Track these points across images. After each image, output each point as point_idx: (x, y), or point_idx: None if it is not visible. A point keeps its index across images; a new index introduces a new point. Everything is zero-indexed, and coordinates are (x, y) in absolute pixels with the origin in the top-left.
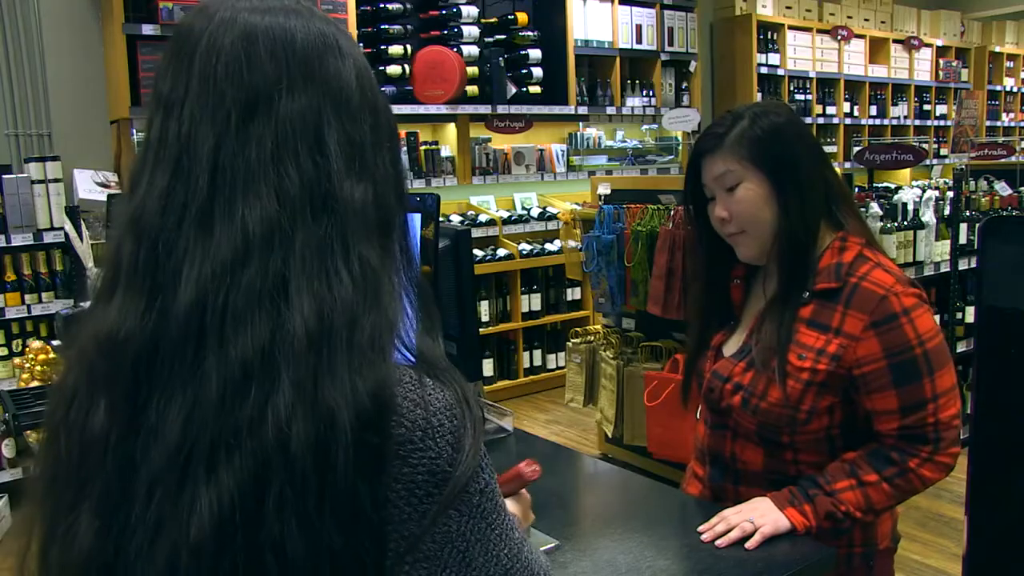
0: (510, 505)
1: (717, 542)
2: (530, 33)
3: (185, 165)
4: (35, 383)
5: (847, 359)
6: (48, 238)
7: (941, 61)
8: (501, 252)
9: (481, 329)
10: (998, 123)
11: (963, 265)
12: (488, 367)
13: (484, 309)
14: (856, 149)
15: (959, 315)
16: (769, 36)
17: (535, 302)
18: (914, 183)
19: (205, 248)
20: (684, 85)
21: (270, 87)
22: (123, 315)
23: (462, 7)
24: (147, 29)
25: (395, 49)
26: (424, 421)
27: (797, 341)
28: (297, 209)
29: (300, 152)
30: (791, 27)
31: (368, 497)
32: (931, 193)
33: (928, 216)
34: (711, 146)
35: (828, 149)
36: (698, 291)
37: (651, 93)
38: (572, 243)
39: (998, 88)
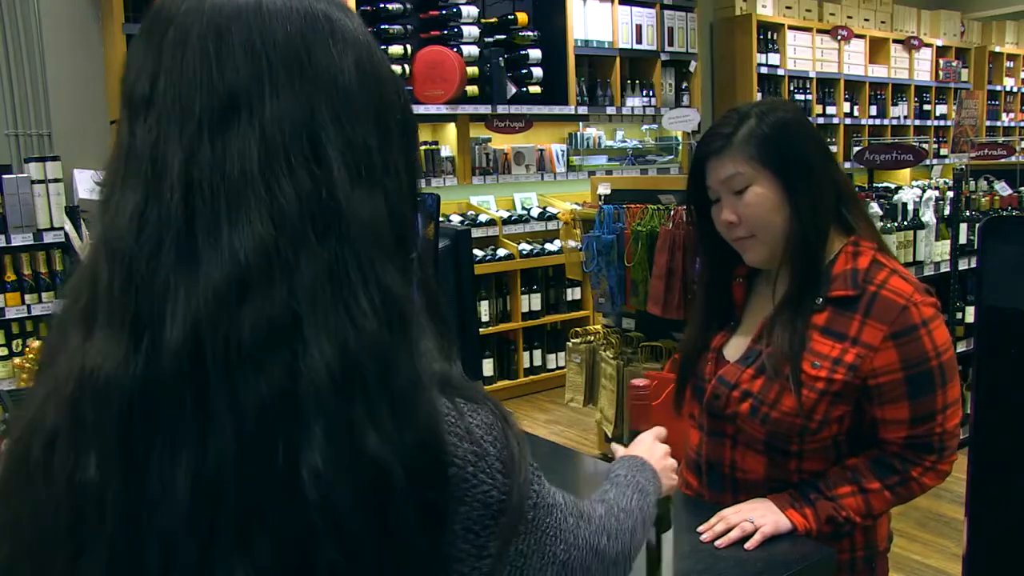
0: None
1: (717, 542)
2: (530, 33)
3: (156, 182)
4: None
5: (863, 369)
6: (48, 238)
7: (941, 61)
8: (501, 252)
9: (481, 329)
10: (998, 123)
11: (963, 265)
12: (488, 367)
13: (484, 309)
14: (856, 149)
15: (959, 315)
16: (769, 36)
17: (535, 302)
18: (914, 183)
19: (191, 280)
20: (684, 85)
21: (248, 87)
22: (106, 354)
23: (462, 7)
24: None
25: (395, 49)
26: (473, 455)
27: (811, 349)
28: (297, 231)
29: (293, 162)
30: (791, 27)
31: (430, 551)
32: (931, 193)
33: (928, 216)
34: (718, 147)
35: None
36: (700, 292)
37: (651, 93)
38: (572, 243)
39: (998, 88)
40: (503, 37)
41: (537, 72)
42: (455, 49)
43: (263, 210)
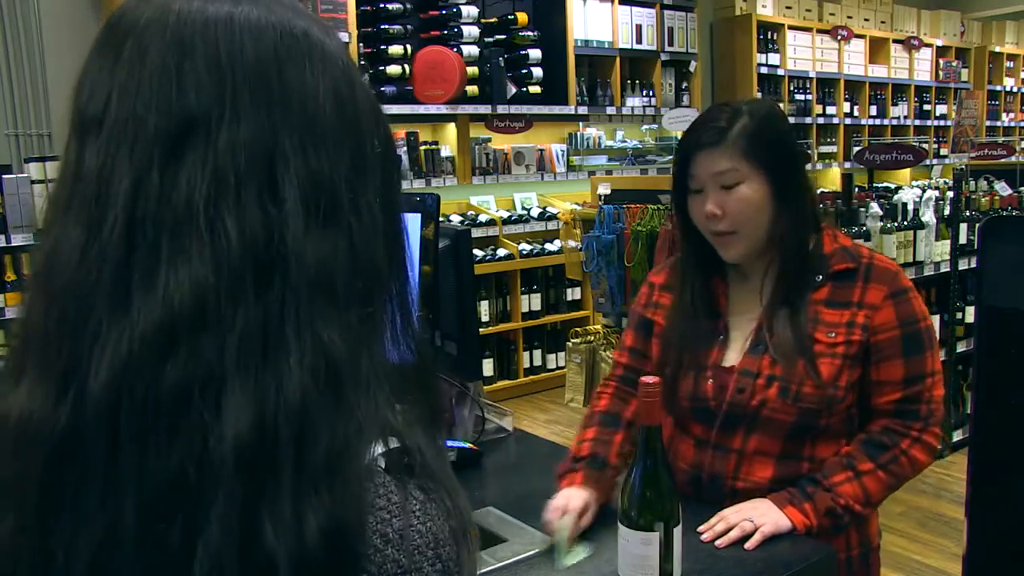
0: None
1: (717, 542)
2: (530, 33)
3: (99, 212)
4: None
5: (870, 327)
6: None
7: (941, 61)
8: (501, 252)
9: (481, 329)
10: (998, 123)
11: (963, 265)
12: (488, 367)
13: (484, 309)
14: (856, 149)
15: (959, 315)
16: (769, 36)
17: (535, 302)
18: (914, 183)
19: (121, 325)
20: (684, 85)
21: (208, 110)
22: (32, 401)
23: (462, 7)
24: None
25: (395, 49)
26: (396, 566)
27: (823, 321)
28: (237, 276)
29: (243, 197)
30: (791, 27)
31: None
32: (931, 193)
33: (928, 216)
34: (714, 140)
35: (828, 149)
36: (692, 301)
37: (651, 93)
38: (572, 243)
39: (998, 88)
40: (503, 37)
41: (537, 72)
42: (455, 49)
43: (205, 251)
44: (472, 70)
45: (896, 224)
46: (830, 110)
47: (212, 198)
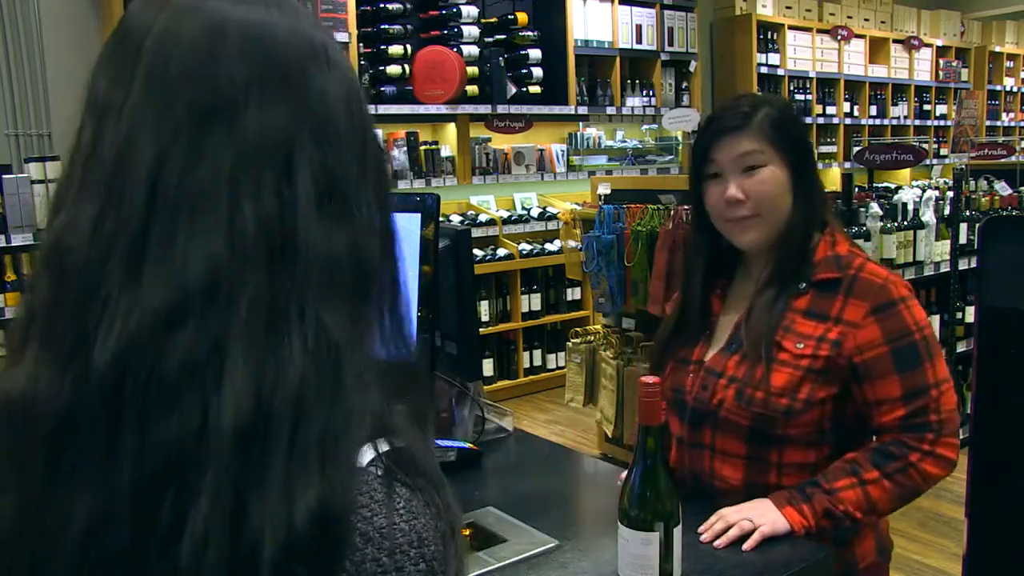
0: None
1: (716, 542)
2: (530, 33)
3: (118, 186)
4: None
5: (847, 347)
6: None
7: (941, 61)
8: (501, 252)
9: (481, 329)
10: (998, 123)
11: (963, 265)
12: (488, 367)
13: (484, 309)
14: (856, 149)
15: (959, 315)
16: (769, 36)
17: (535, 302)
18: (914, 183)
19: (132, 296)
20: (684, 85)
21: (236, 92)
22: (34, 377)
23: (462, 7)
24: None
25: (395, 49)
26: (375, 563)
27: (795, 331)
28: (250, 255)
29: (263, 180)
30: (791, 27)
31: None
32: (931, 193)
33: (928, 216)
34: (738, 124)
35: (828, 149)
36: (693, 294)
37: (651, 93)
38: (572, 243)
39: (998, 88)
40: (503, 37)
41: (537, 72)
42: (455, 49)
43: (222, 227)
44: (472, 70)
45: (896, 224)
46: (830, 110)
47: (234, 176)
